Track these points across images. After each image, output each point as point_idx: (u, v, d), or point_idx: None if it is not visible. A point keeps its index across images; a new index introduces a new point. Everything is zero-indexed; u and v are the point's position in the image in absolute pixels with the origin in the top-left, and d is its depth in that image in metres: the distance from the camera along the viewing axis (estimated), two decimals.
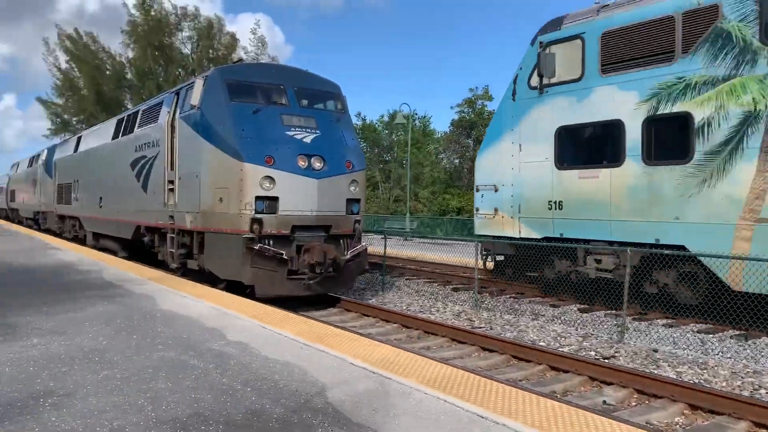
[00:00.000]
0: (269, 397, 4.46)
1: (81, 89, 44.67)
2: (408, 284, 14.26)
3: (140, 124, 14.68)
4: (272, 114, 10.63)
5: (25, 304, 8.10)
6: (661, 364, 7.75)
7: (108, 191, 16.85)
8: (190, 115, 11.49)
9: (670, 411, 6.14)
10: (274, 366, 5.31)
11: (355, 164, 11.12)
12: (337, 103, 11.95)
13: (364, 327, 10.04)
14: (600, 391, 6.86)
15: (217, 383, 4.78)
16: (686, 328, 9.64)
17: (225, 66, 13.00)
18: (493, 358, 8.17)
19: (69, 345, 5.91)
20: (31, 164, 31.22)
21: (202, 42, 42.05)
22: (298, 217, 10.32)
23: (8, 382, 4.71)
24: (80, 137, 22.20)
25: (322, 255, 10.18)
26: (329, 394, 4.55)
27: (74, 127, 45.19)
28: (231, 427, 3.86)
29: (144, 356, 5.56)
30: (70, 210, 21.92)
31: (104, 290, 9.40)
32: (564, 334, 9.37)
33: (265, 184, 10.06)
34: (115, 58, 44.58)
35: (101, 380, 4.81)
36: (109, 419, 3.96)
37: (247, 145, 10.13)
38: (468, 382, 4.95)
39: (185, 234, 11.99)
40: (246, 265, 10.04)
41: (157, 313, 7.61)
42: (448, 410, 4.26)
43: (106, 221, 17.11)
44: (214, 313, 7.74)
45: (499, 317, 10.65)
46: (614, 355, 8.21)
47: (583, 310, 10.95)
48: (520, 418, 4.13)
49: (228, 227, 10.30)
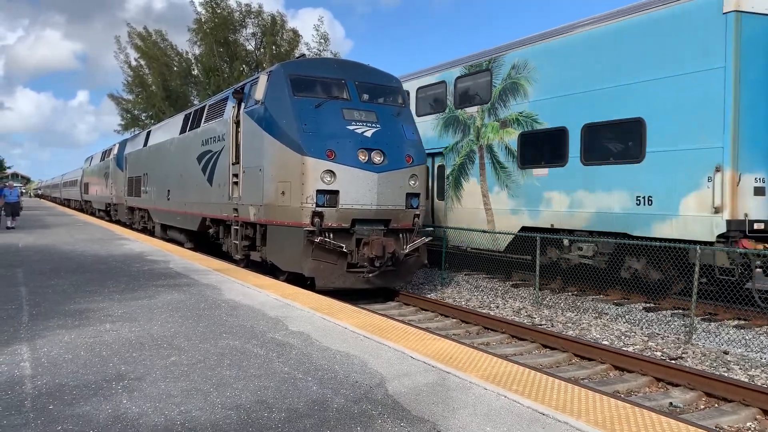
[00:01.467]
0: (330, 387, 4.52)
1: (150, 85, 46.21)
2: (467, 280, 14.17)
3: (206, 119, 15.09)
4: (334, 108, 10.74)
5: (98, 291, 8.47)
6: (732, 367, 7.45)
7: (175, 184, 17.41)
8: (254, 110, 11.73)
9: (741, 415, 5.90)
10: (335, 357, 5.38)
11: (415, 158, 11.11)
12: (397, 98, 11.97)
13: (423, 321, 10.05)
14: (666, 392, 6.66)
15: (280, 372, 4.88)
16: (760, 330, 9.22)
17: (288, 61, 13.19)
18: (554, 355, 8.04)
19: (139, 331, 6.15)
20: (103, 158, 32.53)
21: (266, 38, 42.75)
22: (359, 210, 10.40)
23: (83, 365, 4.94)
24: (149, 132, 23.00)
25: (381, 249, 10.23)
26: (389, 386, 4.58)
27: (143, 122, 46.83)
28: (294, 415, 3.94)
29: (210, 344, 5.72)
30: (139, 202, 22.75)
31: (172, 279, 9.73)
32: (628, 333, 9.13)
33: (326, 178, 10.17)
34: (182, 55, 45.93)
35: (169, 366, 4.98)
36: (177, 404, 4.11)
37: (308, 139, 10.27)
38: (528, 379, 4.89)
39: (248, 226, 12.26)
40: (307, 257, 10.19)
41: (222, 303, 7.83)
42: (508, 406, 4.22)
43: (174, 213, 17.69)
44: (276, 304, 7.89)
45: (561, 315, 10.46)
46: (681, 356, 7.94)
47: (649, 309, 10.63)
48: (582, 416, 4.05)
49: (290, 220, 10.48)
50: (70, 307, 7.29)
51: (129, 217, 25.05)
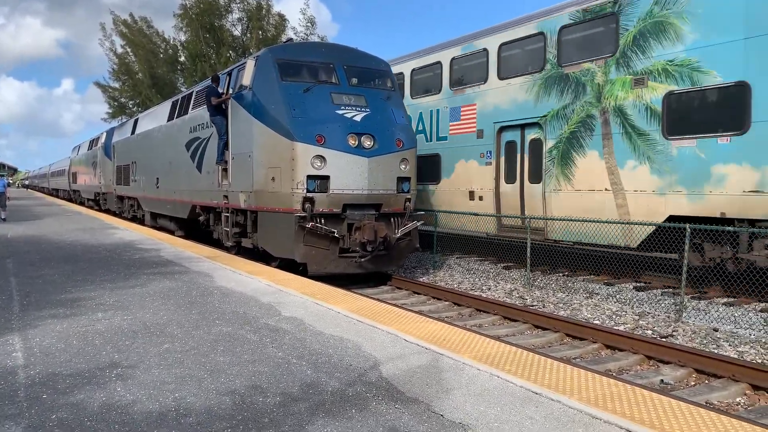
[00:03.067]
0: (324, 371, 4.54)
1: (136, 73, 45.74)
2: (459, 262, 14.21)
3: (194, 106, 14.97)
4: (322, 93, 10.67)
5: (89, 280, 8.44)
6: (722, 344, 7.54)
7: (164, 172, 17.31)
8: (242, 96, 11.64)
9: (731, 391, 5.98)
10: (328, 341, 5.39)
11: (405, 142, 11.09)
12: (386, 81, 11.91)
13: (416, 304, 10.08)
14: (657, 370, 6.73)
15: (273, 357, 4.89)
16: (748, 307, 9.32)
17: (275, 46, 13.07)
18: (546, 336, 8.10)
19: (132, 319, 6.14)
20: (91, 147, 32.28)
21: (252, 23, 42.35)
22: (349, 195, 10.38)
23: (76, 354, 4.93)
24: (137, 120, 22.81)
25: (373, 233, 10.23)
26: (383, 369, 4.60)
27: (131, 110, 46.40)
28: (288, 399, 3.95)
29: (203, 330, 5.72)
30: (128, 191, 22.62)
31: (163, 267, 9.70)
32: (619, 313, 9.20)
33: (316, 163, 10.14)
34: (168, 42, 45.45)
35: (163, 353, 4.98)
36: (171, 390, 4.11)
37: (298, 124, 10.21)
38: (521, 359, 4.93)
39: (239, 213, 12.22)
40: (298, 243, 10.18)
41: (214, 290, 7.82)
42: (501, 386, 4.25)
43: (163, 201, 17.60)
44: (268, 290, 7.89)
45: (552, 295, 10.52)
46: (672, 334, 8.02)
47: (639, 288, 10.71)
48: (575, 395, 4.09)
49: (280, 206, 10.45)
50: (62, 297, 7.26)
51: (118, 206, 24.92)
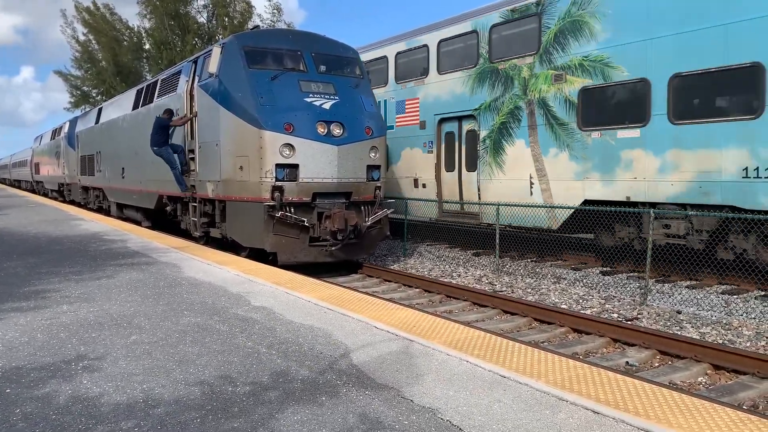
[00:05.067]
0: (294, 360, 4.53)
1: (100, 61, 44.78)
2: (429, 250, 14.29)
3: (159, 94, 14.72)
4: (290, 80, 10.58)
5: (54, 272, 8.28)
6: (685, 326, 7.73)
7: (130, 162, 17.00)
8: (209, 84, 11.48)
9: (693, 371, 6.14)
10: (299, 330, 5.38)
11: (375, 130, 11.06)
12: (355, 69, 11.85)
13: (387, 292, 10.12)
14: (623, 352, 6.87)
15: (243, 347, 4.87)
16: (710, 289, 9.56)
17: (242, 33, 12.90)
18: (514, 320, 8.21)
19: (98, 311, 6.05)
20: (54, 137, 31.55)
21: (218, 10, 41.73)
22: (319, 184, 10.34)
23: (41, 347, 4.84)
24: (101, 109, 22.33)
25: (343, 221, 10.21)
26: (353, 357, 4.62)
27: (94, 98, 45.43)
28: (258, 388, 3.94)
29: (171, 321, 5.66)
30: (93, 181, 22.18)
31: (130, 259, 9.56)
32: (586, 297, 9.36)
33: (284, 152, 10.06)
34: (132, 29, 44.54)
35: (130, 345, 4.92)
36: (140, 382, 4.07)
37: (265, 112, 10.11)
38: (490, 344, 4.99)
39: (207, 203, 12.09)
40: (268, 232, 10.12)
41: (182, 280, 7.74)
42: (470, 371, 4.30)
43: (129, 192, 17.31)
44: (237, 280, 7.84)
45: (521, 281, 10.66)
46: (637, 317, 8.20)
47: (606, 272, 10.90)
48: (542, 377, 4.16)
49: (249, 195, 10.36)
50: (25, 290, 7.11)
51: (83, 197, 24.44)
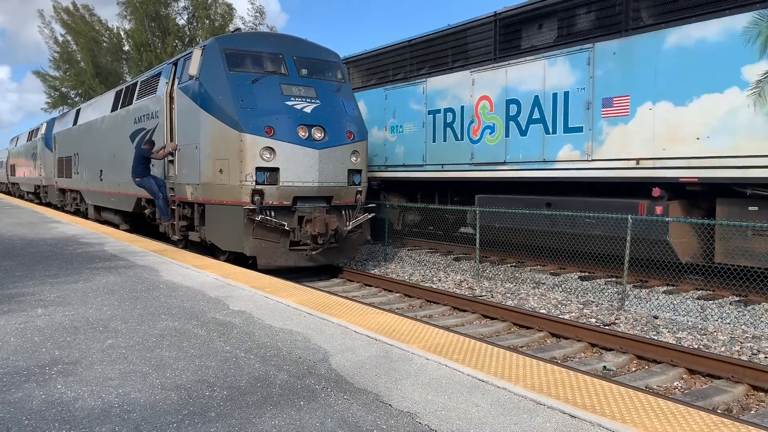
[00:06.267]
0: (273, 364, 4.51)
1: (78, 62, 44.27)
2: (410, 255, 14.30)
3: (139, 96, 14.59)
4: (271, 84, 10.55)
5: (29, 276, 8.15)
6: (662, 331, 7.81)
7: (108, 164, 16.82)
8: (189, 86, 11.41)
9: (669, 375, 6.21)
10: (277, 334, 5.35)
11: (356, 134, 11.07)
12: (337, 73, 11.85)
13: (367, 296, 10.11)
14: (600, 357, 6.93)
15: (221, 351, 4.83)
16: (686, 294, 9.68)
17: (223, 35, 12.85)
18: (494, 325, 8.24)
19: (73, 315, 5.96)
20: (31, 138, 31.11)
21: (198, 12, 41.49)
22: (300, 188, 10.31)
23: (14, 351, 4.76)
24: (79, 110, 22.08)
25: (324, 226, 10.19)
26: (332, 361, 4.60)
27: (72, 100, 44.89)
28: (236, 393, 3.91)
29: (148, 326, 5.60)
30: (71, 183, 21.91)
31: (107, 262, 9.44)
32: (565, 302, 9.43)
33: (265, 155, 10.02)
34: (112, 31, 44.11)
35: (106, 349, 4.85)
36: (115, 386, 4.01)
37: (246, 115, 10.07)
38: (469, 348, 5.00)
39: (186, 206, 11.99)
40: (247, 236, 10.06)
41: (160, 284, 7.66)
42: (449, 375, 4.31)
43: (107, 194, 17.12)
44: (216, 284, 7.78)
45: (500, 285, 10.70)
46: (615, 322, 8.27)
47: (584, 278, 10.99)
48: (520, 382, 4.18)
49: (229, 199, 10.30)
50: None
51: (60, 199, 24.11)
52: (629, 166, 9.63)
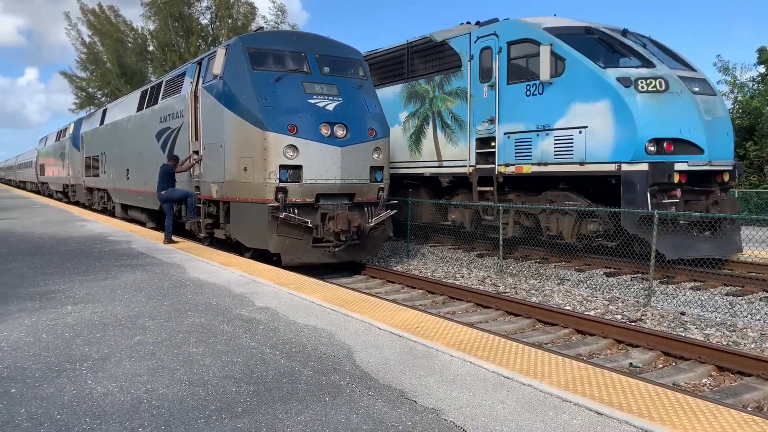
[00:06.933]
0: (298, 360, 4.54)
1: (104, 62, 44.94)
2: (432, 251, 14.28)
3: (164, 96, 14.76)
4: (294, 82, 10.60)
5: (59, 273, 8.31)
6: (689, 327, 7.71)
7: (134, 163, 17.05)
8: (213, 85, 11.51)
9: (697, 372, 6.12)
10: (302, 330, 5.39)
11: (378, 131, 11.08)
12: (359, 70, 11.86)
13: (390, 293, 10.13)
14: (627, 353, 6.86)
15: (247, 347, 4.88)
16: (714, 290, 9.54)
17: (246, 34, 12.93)
18: (518, 322, 8.20)
19: (102, 312, 6.07)
20: (59, 138, 31.63)
21: (221, 12, 41.83)
22: (322, 185, 10.35)
23: (45, 348, 4.86)
24: (105, 110, 22.40)
25: (346, 223, 10.22)
26: (356, 357, 4.62)
27: (99, 100, 45.60)
28: (262, 389, 3.95)
29: (175, 322, 5.68)
30: (98, 182, 22.24)
31: (134, 260, 9.59)
32: (590, 298, 9.35)
33: (288, 153, 10.08)
34: (136, 31, 44.69)
35: (134, 345, 4.94)
36: (144, 382, 4.08)
37: (269, 113, 10.14)
38: (493, 345, 4.99)
39: (211, 203, 12.11)
40: (271, 233, 10.14)
41: (186, 281, 7.75)
42: (473, 371, 4.30)
43: (134, 193, 17.35)
44: (241, 281, 7.85)
45: (524, 282, 10.65)
46: (641, 318, 8.18)
47: (610, 274, 10.89)
48: (545, 379, 4.16)
49: (253, 196, 10.38)
50: (30, 290, 7.14)
51: (88, 198, 24.49)
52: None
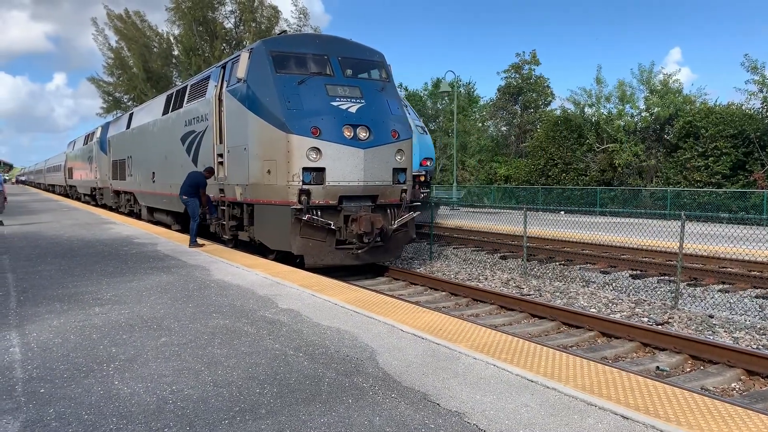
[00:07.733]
0: (321, 362, 4.55)
1: (131, 67, 45.60)
2: (456, 253, 14.24)
3: (189, 99, 14.93)
4: (317, 85, 10.64)
5: (86, 275, 8.44)
6: (717, 330, 7.58)
7: (160, 166, 17.27)
8: (237, 89, 11.61)
9: (726, 376, 6.01)
10: (325, 332, 5.41)
11: (401, 133, 11.07)
12: (381, 72, 11.87)
13: (413, 295, 10.11)
14: (653, 357, 6.76)
15: (271, 349, 4.91)
16: (744, 293, 9.37)
17: (269, 38, 13.02)
18: (542, 324, 8.13)
19: (129, 313, 6.15)
20: (87, 142, 32.13)
21: (245, 16, 42.21)
22: (345, 187, 10.37)
23: (74, 348, 4.94)
24: (132, 114, 22.71)
25: (369, 225, 10.23)
26: (379, 360, 4.62)
27: (126, 104, 46.28)
28: (285, 390, 3.97)
29: (200, 324, 5.73)
30: (124, 185, 22.56)
31: (160, 262, 9.70)
32: (615, 301, 9.24)
33: (311, 155, 10.13)
34: (162, 36, 45.29)
35: (160, 347, 4.99)
36: (169, 383, 4.12)
37: (293, 116, 10.19)
38: (517, 348, 4.95)
39: (235, 206, 12.21)
40: (295, 235, 10.19)
41: (211, 283, 7.83)
42: (497, 374, 4.27)
43: (159, 196, 17.57)
44: (265, 283, 7.90)
45: (549, 284, 10.55)
46: (668, 321, 8.06)
47: (636, 276, 10.75)
48: (570, 382, 4.12)
49: (276, 199, 10.45)
50: (59, 292, 7.27)
51: (115, 201, 24.85)
52: None
